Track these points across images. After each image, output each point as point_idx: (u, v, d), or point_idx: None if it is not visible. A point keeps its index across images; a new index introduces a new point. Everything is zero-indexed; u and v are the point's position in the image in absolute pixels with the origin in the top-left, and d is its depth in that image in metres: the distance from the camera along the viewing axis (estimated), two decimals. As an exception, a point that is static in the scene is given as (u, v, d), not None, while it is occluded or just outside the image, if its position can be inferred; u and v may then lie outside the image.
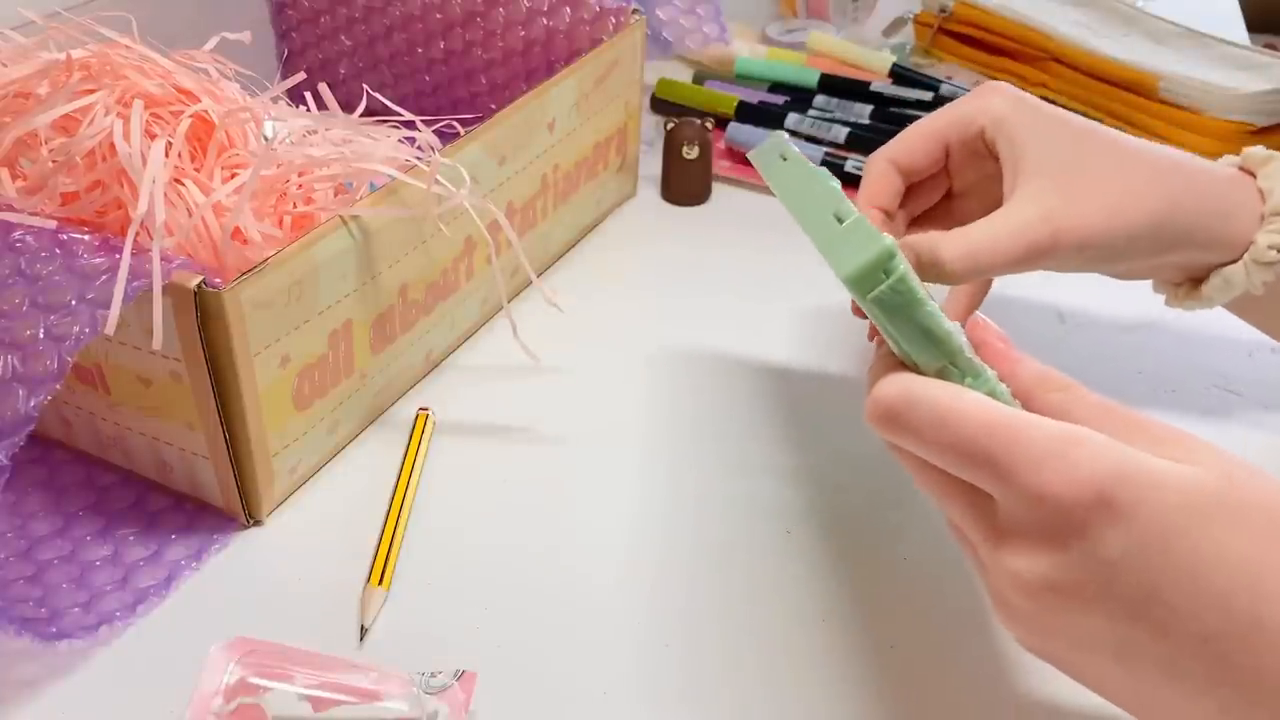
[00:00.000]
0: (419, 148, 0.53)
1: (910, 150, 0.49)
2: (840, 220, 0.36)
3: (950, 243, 0.44)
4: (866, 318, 0.40)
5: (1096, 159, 0.46)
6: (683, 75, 0.86)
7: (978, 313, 0.38)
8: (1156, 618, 0.30)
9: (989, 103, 0.47)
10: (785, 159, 0.42)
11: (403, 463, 0.50)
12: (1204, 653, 0.30)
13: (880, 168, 0.49)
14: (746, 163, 0.76)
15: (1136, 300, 0.58)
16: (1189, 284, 0.51)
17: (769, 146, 0.44)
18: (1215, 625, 0.30)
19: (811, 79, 0.83)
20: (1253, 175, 0.49)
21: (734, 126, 0.77)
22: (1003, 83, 0.48)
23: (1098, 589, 0.31)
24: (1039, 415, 0.33)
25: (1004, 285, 0.57)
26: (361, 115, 0.55)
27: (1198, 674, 0.30)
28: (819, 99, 0.81)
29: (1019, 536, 0.32)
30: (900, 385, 0.34)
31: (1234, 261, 0.48)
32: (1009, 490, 0.32)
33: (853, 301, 0.45)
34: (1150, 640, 0.31)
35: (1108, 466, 0.30)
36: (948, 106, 0.49)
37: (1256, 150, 0.49)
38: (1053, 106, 0.47)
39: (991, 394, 0.34)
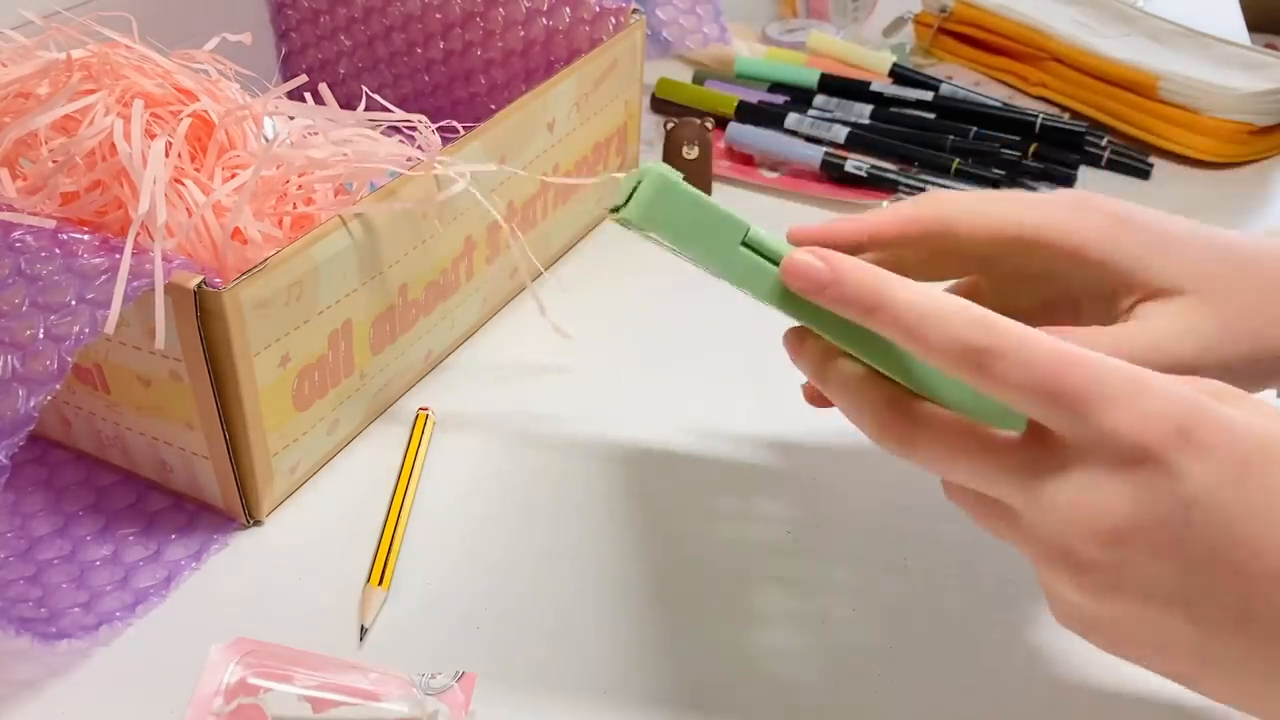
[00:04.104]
0: (419, 148, 0.53)
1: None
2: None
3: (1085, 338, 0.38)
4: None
5: (1239, 275, 0.41)
6: (683, 75, 0.86)
7: None
8: (1232, 557, 0.31)
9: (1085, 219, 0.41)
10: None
11: (403, 462, 0.50)
12: (1277, 592, 0.30)
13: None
14: (747, 162, 0.76)
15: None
16: None
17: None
18: None
19: (811, 79, 0.83)
20: None
21: (734, 126, 0.77)
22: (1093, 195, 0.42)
23: (1176, 530, 0.31)
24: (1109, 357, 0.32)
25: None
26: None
27: (1268, 616, 0.31)
28: (819, 99, 0.81)
29: (1093, 478, 0.32)
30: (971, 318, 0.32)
31: None
32: (1086, 427, 0.31)
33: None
34: (1225, 581, 0.31)
35: (1184, 405, 0.31)
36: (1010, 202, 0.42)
37: None
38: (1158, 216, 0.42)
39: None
